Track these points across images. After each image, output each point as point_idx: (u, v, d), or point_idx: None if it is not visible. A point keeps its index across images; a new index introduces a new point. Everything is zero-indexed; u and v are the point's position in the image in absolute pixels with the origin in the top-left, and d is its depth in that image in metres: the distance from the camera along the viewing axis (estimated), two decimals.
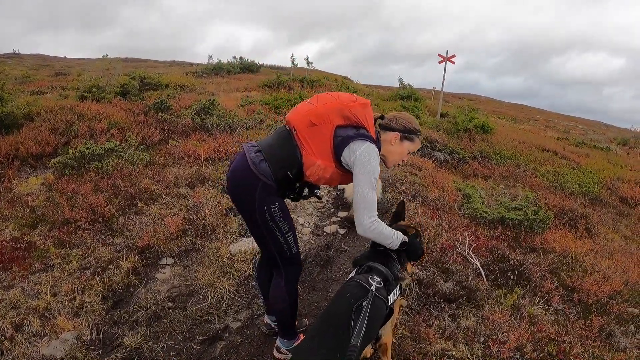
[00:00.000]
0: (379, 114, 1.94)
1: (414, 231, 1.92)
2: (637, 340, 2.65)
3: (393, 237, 1.78)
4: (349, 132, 1.76)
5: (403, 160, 1.98)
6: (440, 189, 5.24)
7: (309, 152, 1.77)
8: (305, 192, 1.94)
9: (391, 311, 1.78)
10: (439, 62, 11.39)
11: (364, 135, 1.77)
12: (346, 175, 1.80)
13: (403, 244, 1.82)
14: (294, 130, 1.79)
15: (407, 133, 1.90)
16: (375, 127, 1.90)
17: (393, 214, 2.09)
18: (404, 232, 1.87)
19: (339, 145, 1.74)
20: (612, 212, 6.17)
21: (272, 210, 1.81)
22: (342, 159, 1.75)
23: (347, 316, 1.50)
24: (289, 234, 1.89)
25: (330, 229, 3.90)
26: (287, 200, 1.96)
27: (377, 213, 1.74)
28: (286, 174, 1.79)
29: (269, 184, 1.78)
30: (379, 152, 1.88)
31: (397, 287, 1.78)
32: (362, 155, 1.70)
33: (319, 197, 2.06)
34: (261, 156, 1.80)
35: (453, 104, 16.49)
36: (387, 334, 1.86)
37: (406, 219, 2.12)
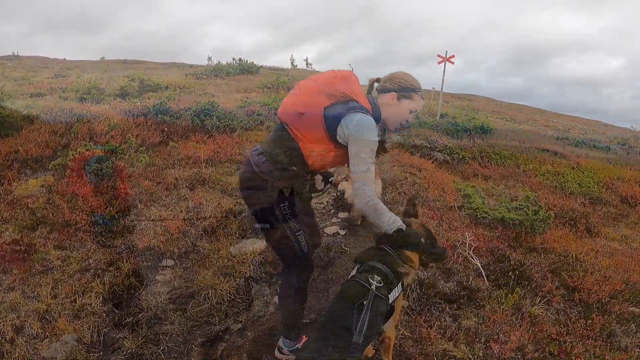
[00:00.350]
0: (376, 78, 1.90)
1: (421, 229, 1.85)
2: (638, 340, 2.64)
3: (390, 220, 1.73)
4: (338, 109, 1.70)
5: (407, 121, 1.88)
6: (440, 189, 5.23)
7: (305, 141, 1.75)
8: (321, 184, 1.92)
9: (392, 309, 1.78)
10: (438, 63, 11.40)
11: (355, 107, 1.70)
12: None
13: (399, 230, 1.74)
14: (286, 124, 1.78)
15: (404, 91, 1.81)
16: (370, 94, 1.85)
17: (402, 212, 1.97)
18: (408, 226, 1.82)
19: (331, 126, 1.70)
20: (613, 212, 6.16)
21: (282, 209, 1.82)
22: (338, 138, 1.71)
23: (349, 316, 1.51)
24: (300, 233, 1.88)
25: (330, 230, 3.89)
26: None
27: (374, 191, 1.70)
28: (291, 169, 1.79)
29: (275, 184, 1.79)
30: (380, 118, 1.83)
31: (399, 285, 1.78)
32: (355, 129, 1.66)
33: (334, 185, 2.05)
34: (263, 158, 1.80)
35: (453, 104, 16.48)
36: (390, 328, 1.86)
37: (419, 217, 1.98)
